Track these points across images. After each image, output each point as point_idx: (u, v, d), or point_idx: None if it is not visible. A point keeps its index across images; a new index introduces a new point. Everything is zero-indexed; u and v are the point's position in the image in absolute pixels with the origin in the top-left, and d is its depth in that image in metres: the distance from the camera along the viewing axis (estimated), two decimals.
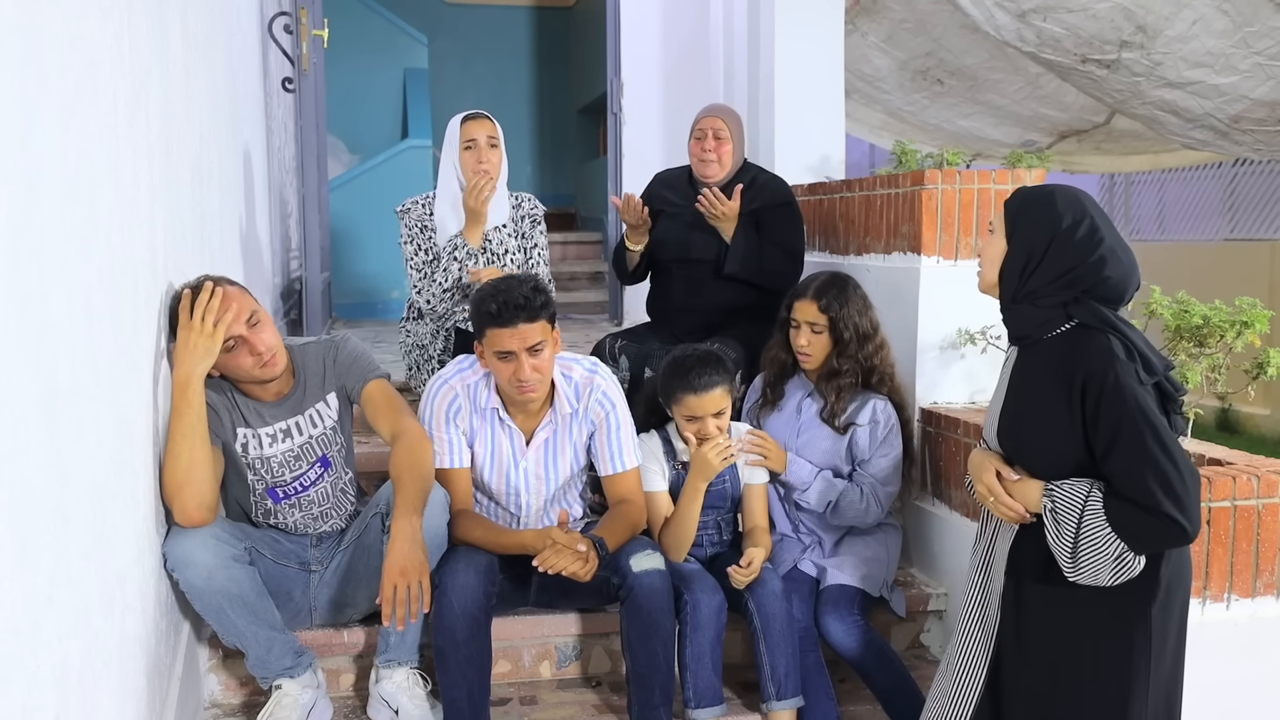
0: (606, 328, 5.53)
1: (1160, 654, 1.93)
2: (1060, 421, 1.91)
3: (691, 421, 2.77)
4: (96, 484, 1.66)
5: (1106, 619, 1.92)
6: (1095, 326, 1.90)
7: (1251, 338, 2.51)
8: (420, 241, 3.47)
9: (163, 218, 2.25)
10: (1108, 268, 1.91)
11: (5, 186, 1.20)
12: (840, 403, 2.91)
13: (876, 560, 2.89)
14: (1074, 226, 1.92)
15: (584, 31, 8.92)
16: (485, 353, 2.61)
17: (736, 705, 2.69)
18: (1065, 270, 1.91)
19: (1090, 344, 1.89)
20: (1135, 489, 1.83)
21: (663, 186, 3.71)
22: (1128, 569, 1.85)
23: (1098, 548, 1.85)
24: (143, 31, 2.06)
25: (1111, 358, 1.86)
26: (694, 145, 3.56)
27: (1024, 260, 1.95)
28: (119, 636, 1.77)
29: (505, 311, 2.51)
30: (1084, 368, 1.87)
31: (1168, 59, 5.07)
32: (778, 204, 3.56)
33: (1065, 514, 1.89)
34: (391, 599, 2.29)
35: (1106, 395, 1.84)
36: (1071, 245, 1.91)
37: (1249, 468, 2.43)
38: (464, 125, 3.41)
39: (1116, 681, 1.91)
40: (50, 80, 1.40)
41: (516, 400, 2.65)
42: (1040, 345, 1.97)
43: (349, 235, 7.06)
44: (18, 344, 1.25)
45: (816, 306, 2.89)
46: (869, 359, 2.92)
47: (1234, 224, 9.48)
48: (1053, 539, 1.90)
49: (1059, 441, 1.92)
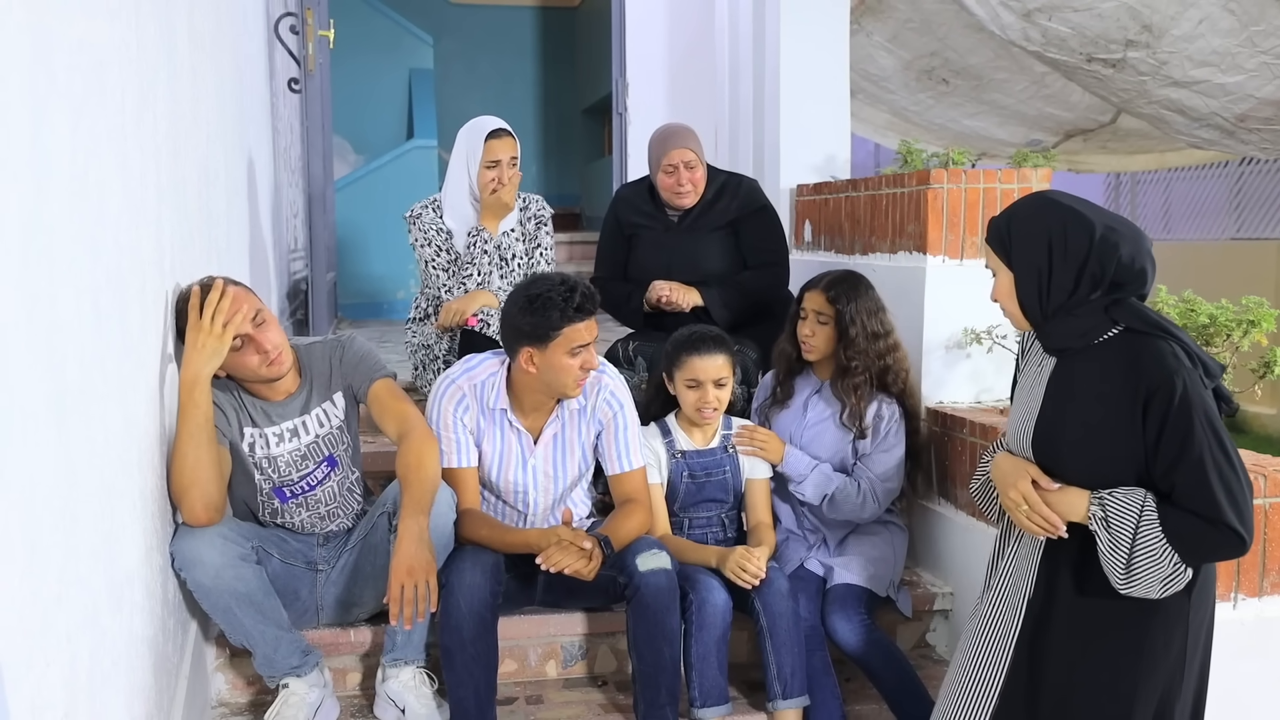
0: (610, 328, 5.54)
1: (1194, 654, 1.90)
2: (1119, 431, 1.83)
3: (693, 389, 2.79)
4: (105, 483, 1.66)
5: (1147, 624, 1.87)
6: (1146, 331, 1.83)
7: (1258, 336, 2.51)
8: (439, 243, 3.43)
9: (170, 218, 2.26)
10: (1118, 248, 1.83)
11: (14, 187, 1.21)
12: (860, 404, 2.87)
13: (883, 560, 2.89)
14: (1061, 225, 1.86)
15: (589, 32, 8.93)
16: (550, 355, 2.55)
17: (743, 704, 2.69)
18: (1079, 268, 1.84)
19: (1150, 351, 1.82)
20: (1201, 500, 1.77)
21: (628, 208, 3.61)
22: (1179, 581, 1.80)
23: (1155, 559, 1.79)
24: (150, 32, 2.06)
25: (1178, 365, 1.79)
26: (664, 180, 3.43)
27: (1035, 278, 1.88)
28: (127, 635, 1.77)
29: (588, 303, 2.52)
30: (1149, 378, 1.80)
31: (1174, 58, 5.06)
32: (753, 210, 3.51)
33: (1119, 524, 1.81)
34: (398, 598, 2.30)
35: (1178, 406, 1.77)
36: (1068, 242, 1.85)
37: (1256, 467, 2.42)
38: (488, 142, 3.35)
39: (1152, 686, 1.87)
40: (59, 81, 1.41)
41: (572, 395, 2.65)
42: (1086, 353, 1.89)
43: (354, 236, 7.07)
44: (27, 344, 1.25)
45: (825, 297, 2.88)
46: (881, 358, 2.88)
47: (1240, 223, 9.46)
48: (1105, 550, 1.83)
49: (1112, 450, 1.85)
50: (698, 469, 2.89)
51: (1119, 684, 1.90)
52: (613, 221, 3.65)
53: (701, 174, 3.46)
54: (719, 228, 3.49)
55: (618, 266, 3.63)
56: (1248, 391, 2.53)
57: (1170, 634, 1.87)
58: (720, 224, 3.49)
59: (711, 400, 2.79)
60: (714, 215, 3.50)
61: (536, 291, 2.56)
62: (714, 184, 3.51)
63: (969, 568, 2.91)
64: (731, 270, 3.49)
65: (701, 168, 3.46)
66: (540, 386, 2.65)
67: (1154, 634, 1.87)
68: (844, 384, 2.89)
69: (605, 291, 3.54)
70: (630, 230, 3.59)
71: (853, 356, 2.87)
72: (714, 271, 3.46)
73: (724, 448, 2.92)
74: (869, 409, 2.91)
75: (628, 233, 3.59)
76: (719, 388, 2.80)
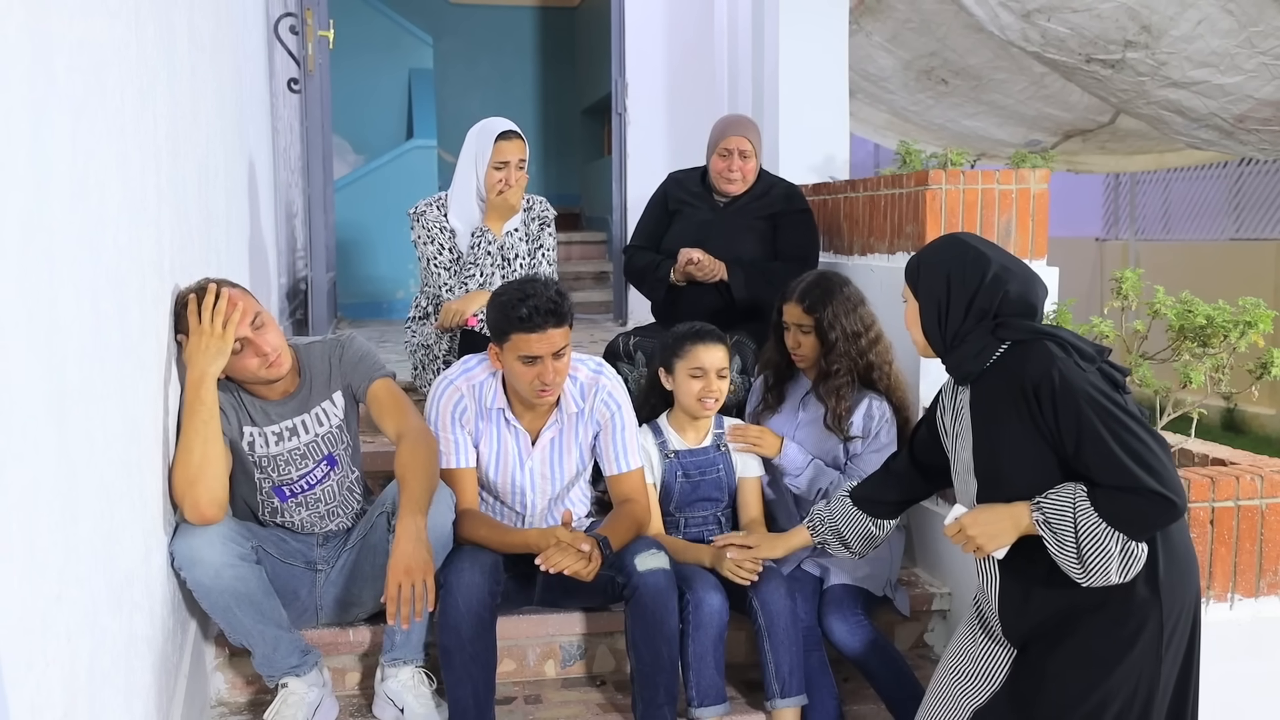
0: (611, 328, 5.55)
1: (1169, 648, 1.93)
2: (1028, 437, 1.96)
3: (697, 378, 2.81)
4: (104, 483, 1.67)
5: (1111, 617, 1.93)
6: (1026, 338, 1.99)
7: (1255, 338, 2.52)
8: (443, 241, 3.44)
9: (169, 219, 2.27)
10: (1005, 284, 2.01)
11: (15, 188, 1.21)
12: (842, 406, 2.89)
13: (879, 560, 2.89)
14: (960, 260, 2.05)
15: (589, 31, 8.93)
16: (505, 356, 2.59)
17: (740, 704, 2.70)
18: (969, 300, 2.02)
19: (1028, 354, 1.97)
20: (1113, 473, 1.86)
21: (677, 187, 3.75)
22: (1135, 559, 1.87)
23: (1101, 544, 1.86)
24: (150, 33, 2.07)
25: (1050, 357, 1.93)
26: (718, 162, 3.57)
27: (935, 309, 2.07)
28: (127, 635, 1.78)
29: (536, 316, 2.50)
30: (1029, 376, 1.94)
31: (1172, 59, 5.07)
32: (793, 210, 3.63)
33: (1059, 521, 1.90)
34: (396, 598, 2.30)
35: (1058, 392, 1.90)
36: (965, 277, 2.03)
37: (1253, 468, 2.44)
38: (498, 143, 3.35)
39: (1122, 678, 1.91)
40: (59, 81, 1.41)
41: (533, 402, 2.65)
42: (985, 375, 2.04)
43: (354, 235, 7.08)
44: (27, 344, 1.26)
45: (801, 308, 2.90)
46: (862, 355, 2.90)
47: (1239, 224, 9.48)
48: (1055, 551, 1.91)
49: (1033, 456, 1.96)
50: (692, 468, 2.90)
51: (1088, 677, 1.94)
52: (659, 196, 3.77)
53: (754, 166, 3.60)
54: (760, 218, 3.60)
55: (653, 239, 3.74)
56: (1245, 393, 2.54)
57: (1139, 627, 1.92)
58: (762, 215, 3.61)
59: (715, 390, 2.82)
60: (758, 207, 3.62)
61: (502, 291, 2.61)
62: (764, 182, 3.65)
63: (967, 568, 2.91)
64: (763, 260, 3.58)
65: (755, 160, 3.59)
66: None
67: (1119, 627, 1.92)
68: (826, 387, 2.91)
69: (634, 258, 3.72)
70: (675, 206, 3.70)
71: (834, 361, 2.89)
72: (746, 257, 3.56)
73: (716, 446, 2.93)
74: (859, 408, 2.91)
75: (672, 208, 3.70)
76: (721, 378, 2.83)
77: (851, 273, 3.57)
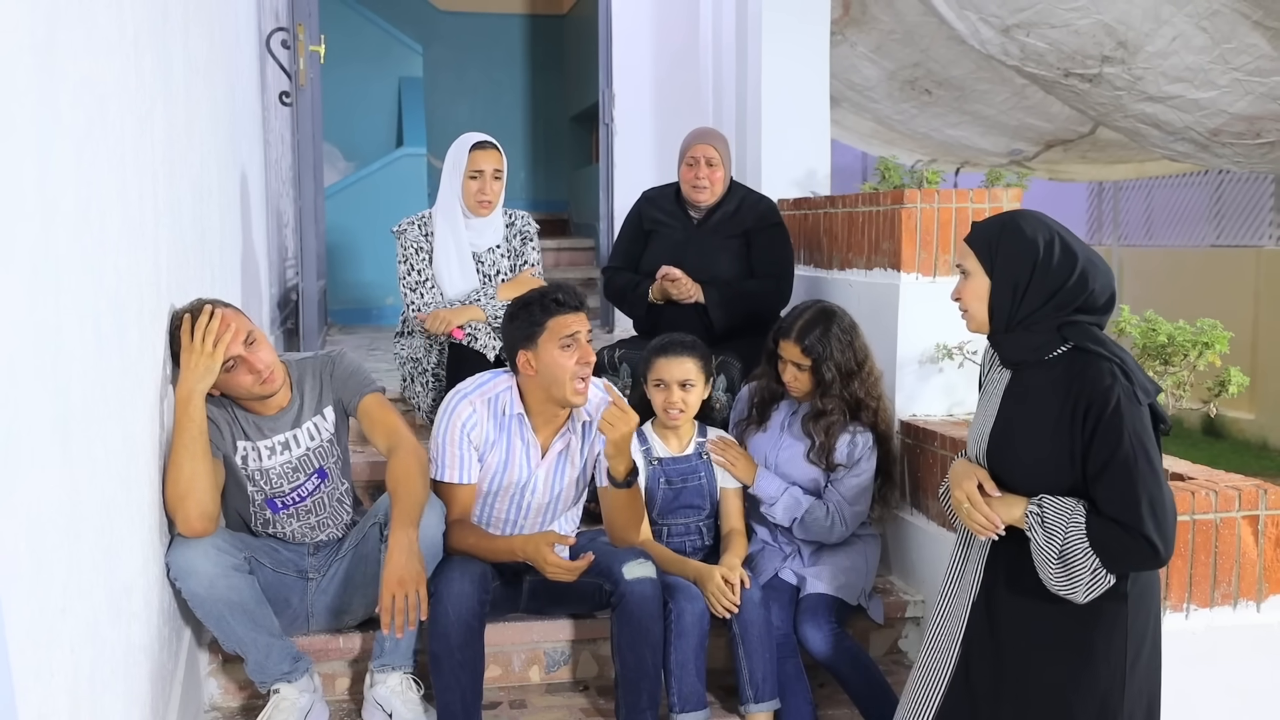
0: (598, 334, 5.61)
1: (1135, 661, 1.99)
2: (1057, 440, 1.96)
3: (659, 389, 2.88)
4: (105, 499, 1.73)
5: (1085, 629, 1.98)
6: (1092, 350, 1.96)
7: (1212, 358, 2.59)
8: (414, 262, 3.50)
9: (166, 239, 2.32)
10: (1091, 281, 1.96)
11: (25, 221, 1.27)
12: (830, 441, 2.94)
13: (854, 570, 2.97)
14: (1049, 249, 1.98)
15: (577, 39, 8.99)
16: (541, 353, 2.63)
17: (718, 709, 2.77)
18: (1053, 292, 1.97)
19: (1092, 369, 1.94)
20: (1121, 509, 1.89)
21: (651, 206, 3.78)
22: (1099, 586, 1.92)
23: (1076, 561, 1.91)
24: (148, 63, 2.12)
25: (1114, 382, 1.91)
26: (686, 171, 3.61)
27: (1011, 291, 2.00)
28: (125, 644, 1.83)
29: (570, 298, 2.63)
30: (1087, 392, 1.92)
31: (1148, 74, 5.16)
32: (766, 225, 3.66)
33: (1054, 524, 1.94)
34: (390, 608, 2.38)
35: (1108, 418, 1.89)
36: (1053, 268, 1.97)
37: (1208, 483, 2.52)
38: (472, 153, 3.43)
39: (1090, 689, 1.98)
40: (64, 119, 1.47)
41: (570, 401, 2.68)
42: (1038, 367, 2.01)
43: (344, 242, 7.13)
44: (35, 372, 1.32)
45: (799, 349, 2.92)
46: (854, 394, 2.94)
47: (1220, 230, 9.58)
48: (1037, 546, 1.95)
49: (1051, 459, 1.97)
50: (674, 475, 2.97)
51: (1057, 687, 2.00)
52: (634, 216, 3.81)
53: (721, 175, 3.62)
54: (734, 235, 3.64)
55: (631, 259, 3.78)
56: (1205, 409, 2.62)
57: (1109, 639, 1.98)
58: (736, 232, 3.64)
59: (676, 401, 2.89)
60: (732, 224, 3.66)
61: (519, 300, 2.69)
62: (735, 196, 3.68)
63: (939, 576, 2.98)
64: (739, 277, 3.63)
65: (722, 169, 3.62)
66: (545, 394, 2.70)
67: (1092, 639, 1.98)
68: (816, 426, 2.94)
69: (614, 279, 3.75)
70: (650, 225, 3.74)
71: (829, 401, 2.93)
72: (723, 275, 3.60)
73: (699, 454, 3.00)
74: (843, 439, 2.96)
75: (648, 228, 3.74)
76: (684, 390, 2.89)
77: (830, 286, 3.65)
